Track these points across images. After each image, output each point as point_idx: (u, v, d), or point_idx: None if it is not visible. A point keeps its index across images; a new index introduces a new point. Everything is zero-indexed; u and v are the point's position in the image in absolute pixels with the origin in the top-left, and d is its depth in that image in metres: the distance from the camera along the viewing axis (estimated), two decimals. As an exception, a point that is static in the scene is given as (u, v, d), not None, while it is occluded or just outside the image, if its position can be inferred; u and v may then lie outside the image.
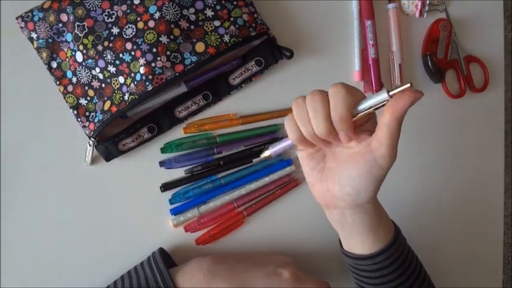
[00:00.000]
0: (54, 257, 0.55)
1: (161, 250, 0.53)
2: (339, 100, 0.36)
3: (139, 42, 0.50)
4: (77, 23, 0.51)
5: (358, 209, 0.42)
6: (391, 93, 0.35)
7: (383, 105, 0.36)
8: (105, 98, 0.53)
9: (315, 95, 0.37)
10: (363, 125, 0.40)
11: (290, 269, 0.49)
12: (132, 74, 0.50)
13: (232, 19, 0.52)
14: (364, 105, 0.37)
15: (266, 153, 0.43)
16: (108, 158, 0.54)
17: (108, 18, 0.52)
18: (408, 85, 0.34)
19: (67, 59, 0.54)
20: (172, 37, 0.50)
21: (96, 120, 0.53)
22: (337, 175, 0.41)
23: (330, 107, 0.37)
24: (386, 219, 0.46)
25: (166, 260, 0.51)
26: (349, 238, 0.46)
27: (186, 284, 0.47)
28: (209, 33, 0.51)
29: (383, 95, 0.35)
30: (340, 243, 0.48)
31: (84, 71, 0.53)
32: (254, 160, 0.44)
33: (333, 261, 0.59)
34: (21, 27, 0.53)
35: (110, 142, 0.53)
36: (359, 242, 0.45)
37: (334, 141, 0.39)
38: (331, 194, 0.42)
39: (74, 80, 0.54)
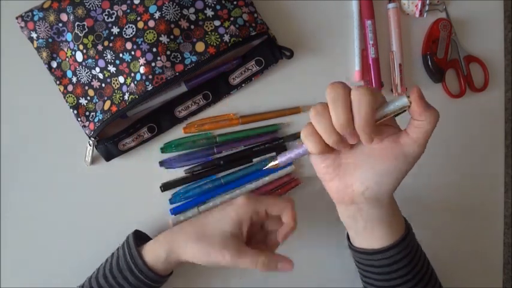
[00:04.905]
0: (54, 256, 0.55)
1: (136, 232, 0.53)
2: (363, 104, 0.35)
3: (140, 42, 0.50)
4: (77, 23, 0.51)
5: (377, 203, 0.42)
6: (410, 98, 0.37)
7: (403, 111, 0.38)
8: (105, 98, 0.53)
9: (337, 87, 0.36)
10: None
11: (245, 195, 0.49)
12: (132, 74, 0.50)
13: (232, 19, 0.52)
14: (386, 111, 0.37)
15: (274, 162, 0.43)
16: (108, 158, 0.54)
17: (108, 18, 0.52)
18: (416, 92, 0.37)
19: (67, 59, 0.54)
20: (172, 37, 0.50)
21: (96, 120, 0.53)
22: (358, 171, 0.40)
23: (351, 104, 0.36)
24: (399, 213, 0.45)
25: (143, 239, 0.52)
26: (362, 233, 0.45)
27: (150, 245, 0.49)
28: (209, 33, 0.51)
29: (403, 101, 0.37)
30: (348, 239, 0.47)
31: (84, 70, 0.53)
32: (265, 168, 0.45)
33: (333, 261, 0.59)
34: (21, 27, 0.53)
35: (110, 142, 0.53)
36: (371, 237, 0.44)
37: (351, 139, 0.38)
38: (350, 189, 0.41)
39: (74, 79, 0.54)
